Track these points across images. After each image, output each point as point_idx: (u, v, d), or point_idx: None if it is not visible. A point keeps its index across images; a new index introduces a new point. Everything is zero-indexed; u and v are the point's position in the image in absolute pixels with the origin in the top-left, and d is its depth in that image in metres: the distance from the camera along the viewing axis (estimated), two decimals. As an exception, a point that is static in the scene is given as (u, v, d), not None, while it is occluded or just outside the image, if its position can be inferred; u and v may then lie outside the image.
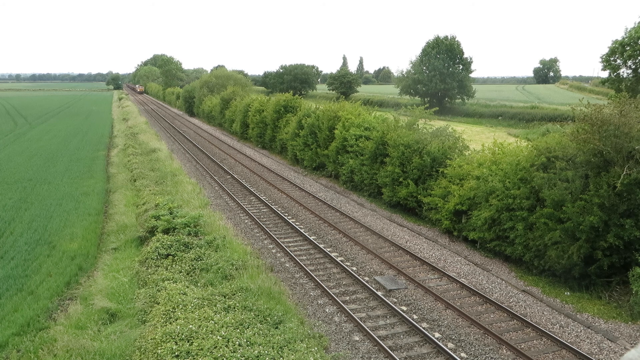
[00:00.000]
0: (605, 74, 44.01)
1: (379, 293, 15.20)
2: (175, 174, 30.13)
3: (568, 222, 15.09)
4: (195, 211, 20.45)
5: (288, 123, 38.84)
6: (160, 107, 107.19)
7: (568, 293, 15.48)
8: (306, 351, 10.86)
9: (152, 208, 21.21)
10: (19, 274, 16.72)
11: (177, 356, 10.10)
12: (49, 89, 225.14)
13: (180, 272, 15.30)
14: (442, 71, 73.62)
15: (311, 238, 20.04)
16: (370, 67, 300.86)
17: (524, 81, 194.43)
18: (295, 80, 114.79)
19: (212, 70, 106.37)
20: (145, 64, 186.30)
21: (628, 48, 38.67)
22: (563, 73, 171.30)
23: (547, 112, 58.62)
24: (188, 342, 10.60)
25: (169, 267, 15.63)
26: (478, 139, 38.44)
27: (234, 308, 12.66)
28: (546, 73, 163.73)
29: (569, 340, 12.83)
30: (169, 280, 14.47)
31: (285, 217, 22.84)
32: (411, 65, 79.48)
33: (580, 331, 13.33)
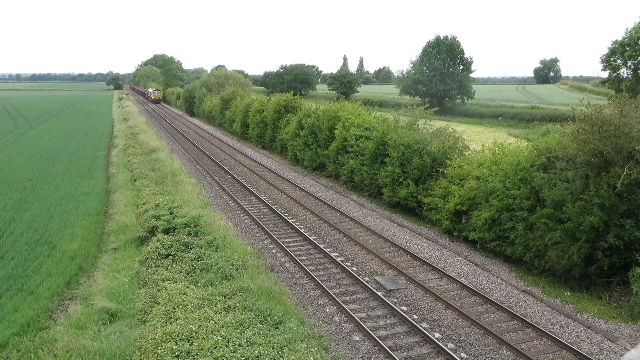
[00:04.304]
0: (605, 74, 44.07)
1: (379, 293, 15.19)
2: (176, 174, 30.15)
3: (568, 222, 15.09)
4: (196, 211, 20.45)
5: (288, 123, 38.85)
6: (160, 107, 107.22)
7: (568, 293, 15.48)
8: (306, 351, 10.86)
9: (152, 208, 21.21)
10: (19, 274, 16.74)
11: (177, 356, 10.10)
12: (49, 89, 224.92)
13: (181, 272, 15.30)
14: (442, 71, 73.64)
15: (311, 238, 20.04)
16: (371, 67, 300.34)
17: (524, 81, 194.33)
18: (296, 80, 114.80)
19: (212, 70, 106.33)
20: (146, 64, 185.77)
21: (628, 48, 38.69)
22: (563, 73, 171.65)
23: (547, 113, 58.65)
24: (188, 342, 10.60)
25: (169, 267, 15.63)
26: (478, 139, 38.45)
27: (234, 308, 12.66)
28: (546, 73, 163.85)
29: (569, 341, 12.83)
30: (169, 280, 14.47)
31: (286, 217, 22.84)
32: (411, 65, 79.63)
33: (581, 331, 13.33)
